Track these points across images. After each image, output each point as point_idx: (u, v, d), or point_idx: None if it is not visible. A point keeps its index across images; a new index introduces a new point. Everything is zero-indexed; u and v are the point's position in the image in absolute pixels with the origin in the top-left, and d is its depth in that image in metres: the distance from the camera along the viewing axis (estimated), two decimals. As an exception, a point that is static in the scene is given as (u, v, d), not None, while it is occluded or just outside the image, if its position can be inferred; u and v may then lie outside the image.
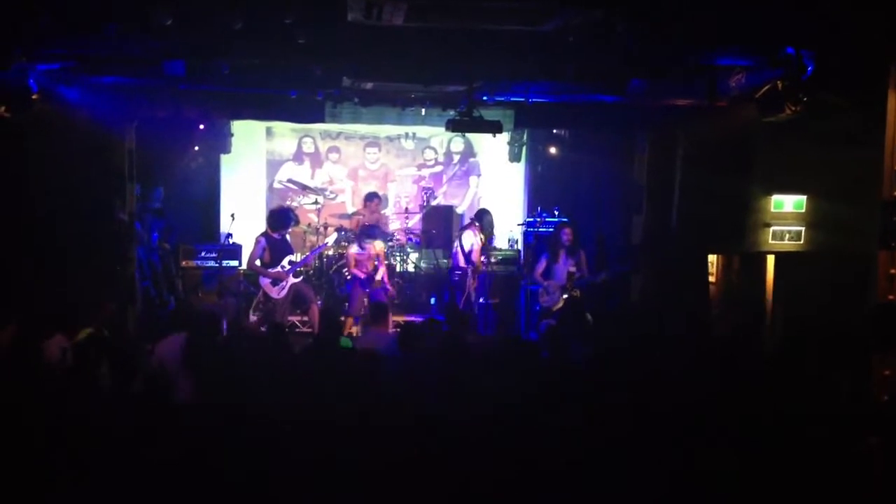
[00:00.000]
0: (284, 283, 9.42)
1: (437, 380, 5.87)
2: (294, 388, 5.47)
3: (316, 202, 11.73)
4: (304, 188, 12.00)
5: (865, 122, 7.60)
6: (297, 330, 10.09)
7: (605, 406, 5.21)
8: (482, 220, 10.44)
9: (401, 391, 5.68)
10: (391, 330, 8.18)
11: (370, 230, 10.11)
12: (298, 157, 12.86)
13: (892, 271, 6.98)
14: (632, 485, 4.34)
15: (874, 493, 3.98)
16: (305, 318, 10.09)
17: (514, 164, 13.15)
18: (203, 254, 10.93)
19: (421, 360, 6.41)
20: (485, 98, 8.83)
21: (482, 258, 10.38)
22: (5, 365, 5.85)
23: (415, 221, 12.27)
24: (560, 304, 9.57)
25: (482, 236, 10.34)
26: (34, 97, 7.47)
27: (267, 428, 4.55)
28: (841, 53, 7.15)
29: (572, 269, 9.75)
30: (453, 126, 8.68)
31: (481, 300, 10.48)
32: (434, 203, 12.35)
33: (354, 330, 9.54)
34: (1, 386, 5.34)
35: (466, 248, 10.19)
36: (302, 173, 12.73)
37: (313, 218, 11.70)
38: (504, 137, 12.50)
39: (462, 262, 10.21)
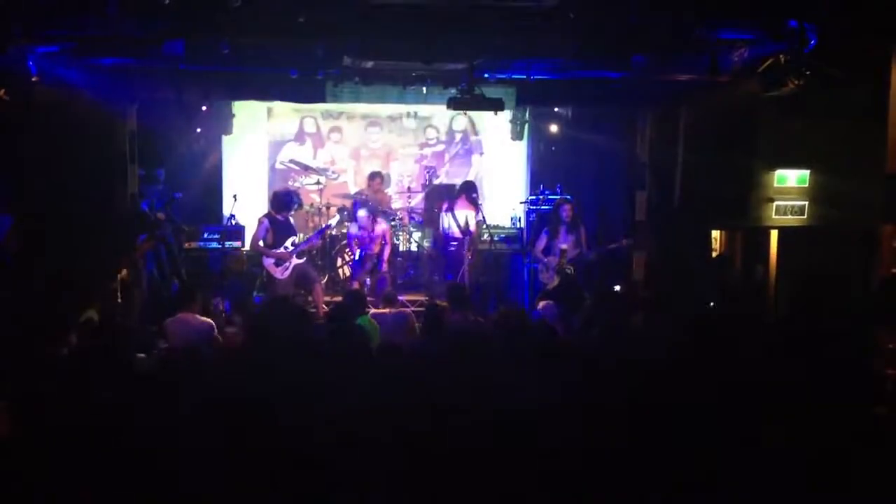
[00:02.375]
0: (288, 263, 9.43)
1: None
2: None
3: (318, 182, 11.72)
4: (306, 168, 11.98)
5: (869, 96, 7.57)
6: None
7: (606, 390, 5.21)
8: (470, 193, 10.32)
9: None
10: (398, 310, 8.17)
11: (360, 206, 10.08)
12: (300, 137, 12.83)
13: (896, 244, 6.98)
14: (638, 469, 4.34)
15: (883, 464, 3.99)
16: (310, 299, 10.10)
17: (517, 142, 13.11)
18: (206, 235, 10.92)
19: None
20: (486, 76, 8.79)
21: (482, 235, 10.33)
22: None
23: (417, 200, 12.26)
24: (556, 282, 9.56)
25: (473, 209, 10.25)
26: (34, 79, 7.44)
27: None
28: (844, 26, 7.11)
29: (564, 246, 9.71)
30: (455, 104, 8.66)
31: (483, 278, 10.48)
32: (436, 182, 12.33)
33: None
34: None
35: (462, 222, 10.08)
36: (304, 153, 12.71)
37: (316, 198, 11.71)
38: (506, 115, 12.44)
39: (458, 234, 10.09)
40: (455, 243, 10.11)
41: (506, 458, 4.10)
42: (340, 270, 10.94)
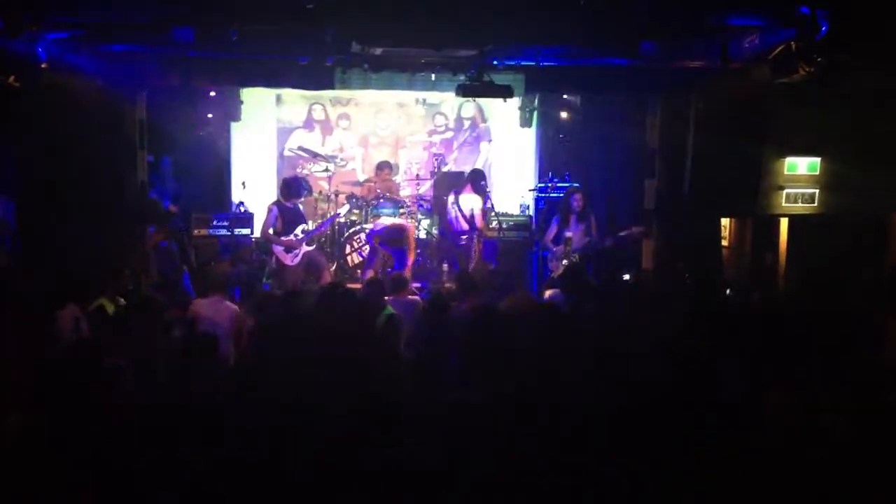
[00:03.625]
0: (297, 250, 9.43)
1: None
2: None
3: (326, 170, 11.73)
4: (315, 155, 11.98)
5: (881, 83, 7.52)
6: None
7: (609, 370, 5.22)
8: (477, 181, 10.28)
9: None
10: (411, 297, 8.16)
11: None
12: (309, 124, 12.83)
13: (907, 233, 6.95)
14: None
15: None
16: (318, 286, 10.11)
17: (525, 129, 13.08)
18: (215, 222, 10.94)
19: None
20: (495, 62, 8.76)
21: (490, 223, 10.33)
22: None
23: (426, 188, 12.25)
24: (561, 271, 9.56)
25: (479, 198, 10.26)
26: (43, 66, 7.44)
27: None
28: (856, 12, 7.05)
29: (569, 234, 9.70)
30: (464, 91, 8.64)
31: (492, 266, 10.48)
32: (445, 169, 12.31)
33: None
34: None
35: (467, 212, 10.09)
36: (312, 140, 12.71)
37: (324, 185, 11.71)
38: (515, 103, 12.42)
39: (465, 226, 10.11)
40: (461, 232, 10.13)
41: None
42: (349, 258, 10.94)
